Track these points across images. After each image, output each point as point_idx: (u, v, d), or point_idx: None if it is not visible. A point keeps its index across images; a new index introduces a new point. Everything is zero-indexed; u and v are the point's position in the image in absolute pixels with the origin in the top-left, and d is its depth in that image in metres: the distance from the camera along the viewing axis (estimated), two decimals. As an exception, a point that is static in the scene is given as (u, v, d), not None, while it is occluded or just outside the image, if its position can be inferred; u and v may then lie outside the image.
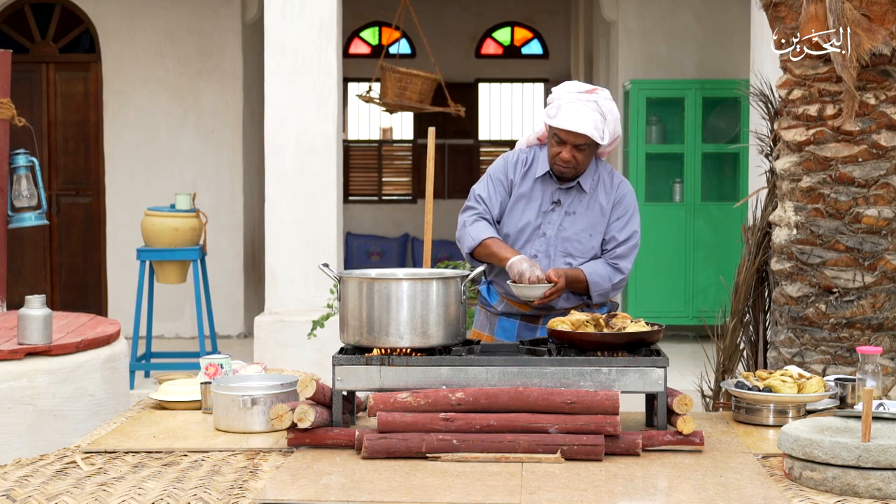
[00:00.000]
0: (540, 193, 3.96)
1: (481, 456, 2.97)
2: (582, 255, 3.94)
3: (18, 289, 8.89)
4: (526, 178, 3.97)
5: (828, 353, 4.28)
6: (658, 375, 3.14)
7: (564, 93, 3.85)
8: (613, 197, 3.98)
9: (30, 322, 4.23)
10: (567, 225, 3.95)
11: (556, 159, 3.88)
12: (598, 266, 3.92)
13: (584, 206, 3.96)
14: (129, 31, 9.71)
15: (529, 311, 3.95)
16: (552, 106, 3.86)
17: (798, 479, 2.77)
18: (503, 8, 13.82)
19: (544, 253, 3.93)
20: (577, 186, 3.96)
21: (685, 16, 9.62)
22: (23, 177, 5.91)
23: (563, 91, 3.87)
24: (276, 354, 7.18)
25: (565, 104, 3.81)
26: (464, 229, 3.95)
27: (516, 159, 4.01)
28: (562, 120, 3.79)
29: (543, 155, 3.98)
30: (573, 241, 3.94)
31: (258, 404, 3.29)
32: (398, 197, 14.07)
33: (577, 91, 3.84)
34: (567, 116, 3.79)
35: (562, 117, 3.80)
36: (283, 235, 7.38)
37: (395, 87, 8.92)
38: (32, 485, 2.80)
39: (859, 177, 4.20)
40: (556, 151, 3.87)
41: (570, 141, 3.82)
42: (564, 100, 3.83)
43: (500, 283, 3.99)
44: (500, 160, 4.04)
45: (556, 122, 3.81)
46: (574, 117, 3.78)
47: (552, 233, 3.94)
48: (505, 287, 3.91)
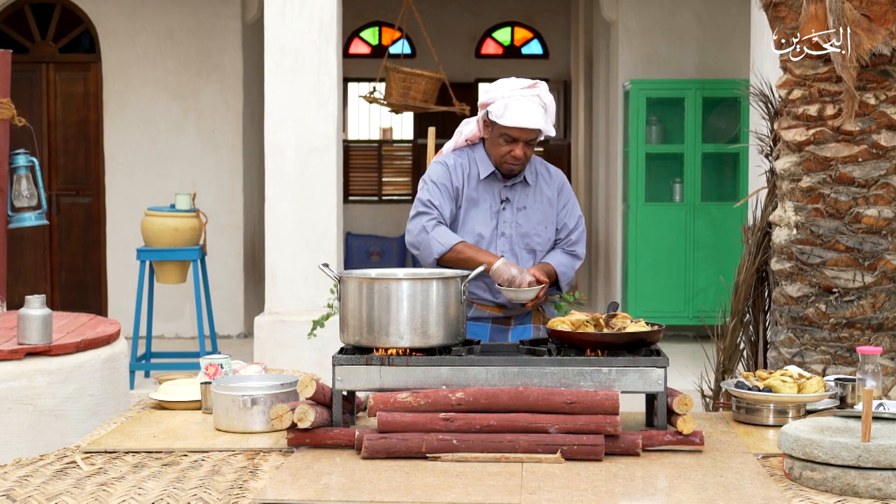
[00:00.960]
0: (487, 195, 3.96)
1: (481, 456, 2.97)
2: (542, 248, 3.99)
3: (18, 289, 8.88)
4: (469, 182, 3.96)
5: (828, 353, 4.28)
6: (658, 375, 3.14)
7: (507, 90, 3.84)
8: (556, 186, 4.04)
9: (30, 322, 4.23)
10: (522, 221, 3.97)
11: (508, 157, 3.88)
12: (560, 256, 3.99)
13: (531, 199, 3.99)
14: (129, 31, 9.72)
15: (502, 313, 3.96)
16: (496, 105, 3.83)
17: (798, 479, 2.77)
18: (503, 8, 13.82)
19: (509, 252, 3.94)
20: (523, 181, 3.98)
21: (685, 16, 9.62)
22: (23, 177, 5.91)
23: (506, 89, 3.85)
24: (276, 354, 7.18)
25: (512, 102, 3.81)
26: (424, 234, 3.87)
27: (454, 164, 3.97)
28: (513, 118, 3.79)
29: (478, 156, 3.98)
30: (532, 236, 3.97)
31: (258, 404, 3.29)
32: (398, 197, 14.07)
33: (519, 87, 3.84)
34: (518, 114, 3.79)
35: (512, 116, 3.80)
36: (283, 235, 7.38)
37: (399, 87, 8.91)
38: (32, 485, 2.80)
39: (859, 177, 4.20)
40: (507, 150, 3.87)
41: (522, 138, 3.84)
42: (510, 97, 3.81)
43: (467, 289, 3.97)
44: (438, 167, 3.99)
45: (508, 121, 3.80)
46: (525, 114, 3.79)
47: (511, 231, 3.95)
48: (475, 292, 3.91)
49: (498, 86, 3.89)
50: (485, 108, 3.93)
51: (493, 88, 3.90)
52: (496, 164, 3.94)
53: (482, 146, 4.01)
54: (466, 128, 4.03)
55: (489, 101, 3.88)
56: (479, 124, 3.98)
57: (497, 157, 3.92)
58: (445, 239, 3.85)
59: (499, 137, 3.88)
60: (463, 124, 4.07)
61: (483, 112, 3.95)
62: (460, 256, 3.83)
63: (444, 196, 3.93)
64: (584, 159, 12.37)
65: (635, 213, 9.19)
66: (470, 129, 4.01)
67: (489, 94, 3.90)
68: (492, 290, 3.96)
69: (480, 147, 4.02)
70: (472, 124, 4.02)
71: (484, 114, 3.94)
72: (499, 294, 3.93)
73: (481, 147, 4.01)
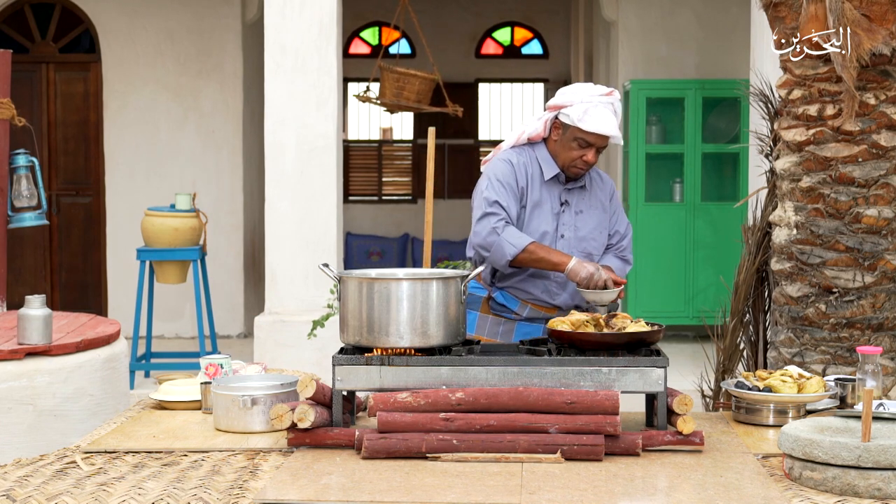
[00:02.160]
0: (549, 196, 3.95)
1: (481, 456, 2.97)
2: (597, 252, 4.00)
3: (18, 289, 8.89)
4: (533, 182, 3.94)
5: (828, 353, 4.28)
6: (658, 375, 3.14)
7: (587, 95, 3.84)
8: (608, 192, 4.07)
9: (30, 322, 4.23)
10: (580, 225, 3.97)
11: (579, 161, 3.88)
12: (615, 260, 4.01)
13: (587, 204, 4.00)
14: (129, 31, 9.72)
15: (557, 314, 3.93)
16: (575, 108, 3.82)
17: (798, 479, 2.77)
18: (503, 8, 13.82)
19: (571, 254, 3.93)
20: (581, 185, 3.99)
21: (685, 16, 9.62)
22: (23, 177, 5.91)
23: (585, 94, 3.85)
24: (276, 354, 7.18)
25: (592, 108, 3.81)
26: (494, 236, 3.83)
27: (518, 162, 3.95)
28: (593, 124, 3.79)
29: (540, 156, 3.96)
30: (589, 240, 3.98)
31: (258, 404, 3.29)
32: (398, 197, 14.07)
33: (598, 94, 3.84)
34: (598, 120, 3.80)
35: (592, 121, 3.80)
36: (283, 235, 7.38)
37: (393, 87, 8.91)
38: (32, 485, 2.80)
39: (859, 177, 4.20)
40: (578, 154, 3.87)
41: (597, 144, 3.85)
42: (590, 103, 3.82)
43: (523, 289, 3.96)
44: (503, 164, 3.95)
45: (588, 126, 3.80)
46: (604, 121, 3.80)
47: (570, 234, 3.95)
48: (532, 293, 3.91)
49: (575, 90, 3.88)
50: (556, 109, 3.90)
51: (570, 92, 3.88)
52: (563, 166, 3.92)
53: (544, 146, 3.98)
54: (530, 126, 3.99)
55: (564, 103, 3.86)
56: (546, 125, 3.94)
57: (567, 160, 3.90)
58: (517, 240, 3.82)
59: (572, 141, 3.87)
60: (527, 122, 4.04)
61: (553, 113, 3.92)
62: (533, 257, 3.81)
63: (511, 196, 3.89)
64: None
65: (635, 212, 9.18)
66: (534, 128, 3.97)
67: (564, 97, 3.88)
68: (549, 292, 3.95)
69: (542, 147, 3.98)
70: (536, 123, 3.98)
71: (554, 116, 3.91)
72: (557, 296, 3.94)
73: (543, 147, 3.98)
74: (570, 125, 3.84)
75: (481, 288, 4.05)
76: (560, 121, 3.89)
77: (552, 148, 3.95)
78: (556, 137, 3.92)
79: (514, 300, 4.00)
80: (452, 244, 13.27)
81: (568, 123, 3.85)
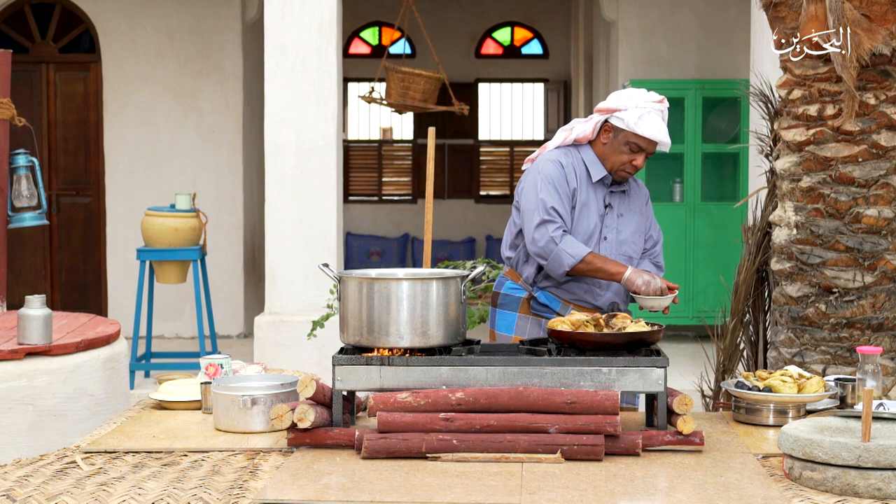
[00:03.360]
0: (594, 198, 3.97)
1: (481, 456, 2.97)
2: (635, 256, 4.04)
3: (18, 289, 8.89)
4: (582, 184, 3.95)
5: (828, 353, 4.28)
6: (658, 375, 3.14)
7: (642, 101, 3.86)
8: (644, 198, 4.13)
9: (30, 322, 4.23)
10: (622, 227, 4.01)
11: (628, 166, 3.91)
12: (651, 267, 4.06)
13: (627, 207, 4.03)
14: (129, 31, 9.72)
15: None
16: (629, 113, 3.84)
17: (798, 479, 2.77)
18: (503, 8, 13.82)
19: (612, 257, 3.95)
20: (623, 190, 4.02)
21: (685, 16, 9.62)
22: (23, 177, 5.91)
23: (639, 99, 3.86)
24: (276, 354, 7.18)
25: (646, 113, 3.84)
26: (552, 245, 3.84)
27: (567, 164, 3.94)
28: (648, 129, 3.82)
29: (587, 157, 3.97)
30: (629, 243, 4.01)
31: (258, 404, 3.29)
32: (398, 197, 14.07)
33: (652, 100, 3.87)
34: (653, 126, 3.83)
35: (647, 126, 3.82)
36: (283, 235, 7.38)
37: (398, 87, 8.91)
38: (32, 485, 2.80)
39: (859, 177, 4.20)
40: (629, 159, 3.90)
41: (649, 149, 3.88)
42: (644, 109, 3.84)
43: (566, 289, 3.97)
44: (553, 166, 3.94)
45: (643, 131, 3.82)
46: (658, 127, 3.84)
47: (612, 236, 3.98)
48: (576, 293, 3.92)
49: (629, 95, 3.89)
50: (608, 113, 3.91)
51: (624, 97, 3.89)
52: (611, 170, 3.94)
53: (590, 148, 3.99)
54: (578, 127, 3.99)
55: (618, 107, 3.87)
56: (596, 127, 3.94)
57: (616, 163, 3.92)
58: (575, 251, 3.83)
59: (624, 145, 3.89)
60: (574, 123, 4.03)
61: (603, 117, 3.92)
62: (590, 267, 3.84)
63: (564, 199, 3.90)
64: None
65: (635, 212, 9.17)
66: (582, 129, 3.97)
67: (618, 101, 3.89)
68: (593, 293, 3.97)
69: (588, 149, 3.99)
70: (584, 125, 3.98)
71: (604, 119, 3.91)
72: (599, 296, 3.97)
73: (589, 149, 3.99)
74: (623, 129, 3.86)
75: (520, 289, 4.05)
76: (611, 124, 3.90)
77: (600, 150, 3.96)
78: (606, 140, 3.93)
79: (557, 300, 4.00)
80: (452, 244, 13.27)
81: (620, 127, 3.87)
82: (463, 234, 13.68)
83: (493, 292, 4.17)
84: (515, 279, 4.07)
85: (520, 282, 4.05)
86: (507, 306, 4.06)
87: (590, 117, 4.00)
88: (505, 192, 14.02)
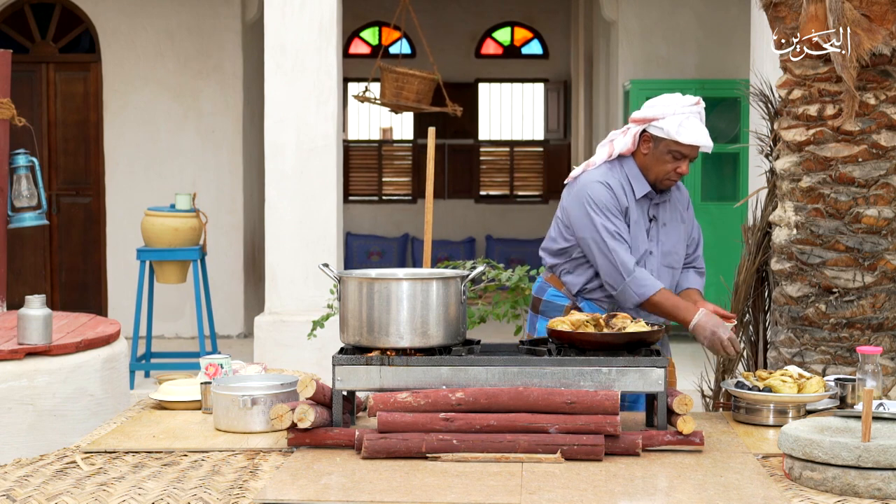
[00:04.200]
0: (640, 214, 3.89)
1: (481, 456, 2.97)
2: (678, 266, 3.98)
3: (18, 289, 8.88)
4: (630, 202, 3.87)
5: (828, 353, 4.28)
6: (658, 375, 3.14)
7: (678, 107, 3.77)
8: (685, 202, 4.05)
9: (30, 322, 4.23)
10: (664, 239, 3.94)
11: (672, 174, 3.82)
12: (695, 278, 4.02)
13: (669, 216, 3.95)
14: (129, 31, 9.72)
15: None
16: (668, 121, 3.75)
17: (798, 479, 2.77)
18: (503, 8, 13.82)
19: (656, 271, 3.90)
20: (666, 199, 3.95)
21: (685, 16, 9.62)
22: (23, 177, 5.91)
23: (676, 106, 3.77)
24: (276, 354, 7.18)
25: (685, 119, 3.75)
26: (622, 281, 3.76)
27: (616, 184, 3.84)
28: (690, 136, 3.73)
29: (631, 173, 3.87)
30: (672, 254, 3.95)
31: (258, 404, 3.29)
32: (398, 197, 14.07)
33: (688, 104, 3.78)
34: (693, 131, 3.74)
35: (688, 133, 3.73)
36: (283, 235, 7.38)
37: (393, 87, 8.91)
38: (32, 485, 2.80)
39: (859, 177, 4.19)
40: (673, 167, 3.80)
41: (692, 155, 3.80)
42: (682, 114, 3.75)
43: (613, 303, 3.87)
44: (603, 190, 3.81)
45: (685, 139, 3.74)
46: (699, 132, 3.75)
47: (656, 250, 3.92)
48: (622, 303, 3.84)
49: (665, 102, 3.80)
50: (645, 122, 3.82)
51: (661, 105, 3.79)
52: (655, 180, 3.85)
53: (633, 161, 3.88)
54: (618, 141, 3.89)
55: (655, 116, 3.78)
56: (635, 139, 3.85)
57: (661, 173, 3.83)
58: (642, 289, 3.75)
59: (666, 154, 3.79)
60: (612, 136, 3.94)
61: (640, 127, 3.83)
62: (657, 309, 3.76)
63: (622, 223, 3.82)
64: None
65: (635, 213, 9.17)
66: (623, 143, 3.87)
67: (655, 109, 3.79)
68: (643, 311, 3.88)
69: (631, 163, 3.88)
70: (624, 138, 3.88)
71: (642, 129, 3.83)
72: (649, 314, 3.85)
73: (632, 163, 3.88)
74: (664, 138, 3.77)
75: (563, 296, 3.97)
76: (650, 134, 3.81)
77: (642, 162, 3.86)
78: (647, 151, 3.83)
79: (602, 311, 3.89)
80: (452, 244, 13.27)
81: (661, 136, 3.78)
82: (463, 234, 13.68)
83: (533, 297, 4.07)
84: (558, 286, 3.98)
85: (563, 290, 3.98)
86: (548, 313, 3.94)
87: (626, 128, 3.90)
88: (505, 192, 14.02)
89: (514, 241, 13.48)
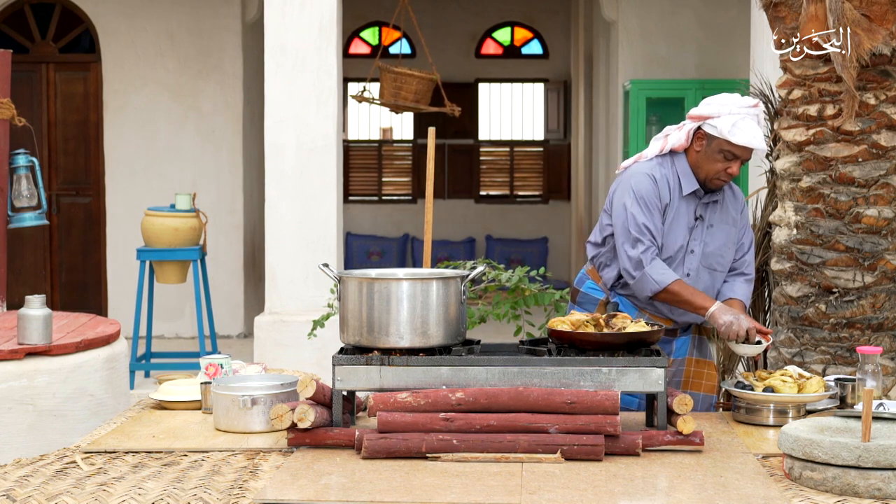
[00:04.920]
0: (685, 211, 3.87)
1: (481, 456, 2.97)
2: (722, 269, 3.94)
3: (18, 289, 8.88)
4: (674, 197, 3.85)
5: (828, 353, 4.28)
6: (658, 375, 3.14)
7: (735, 107, 3.75)
8: (739, 206, 4.00)
9: (30, 322, 4.23)
10: (709, 240, 3.91)
11: (722, 174, 3.80)
12: (742, 287, 3.96)
13: (718, 218, 3.92)
14: (129, 31, 9.72)
15: (672, 325, 3.90)
16: (723, 120, 3.73)
17: (798, 479, 2.77)
18: (503, 8, 13.82)
19: (694, 270, 3.89)
20: (716, 200, 3.92)
21: (685, 16, 9.62)
22: (23, 177, 5.91)
23: (732, 106, 3.76)
24: (276, 354, 7.18)
25: (740, 120, 3.72)
26: (640, 269, 3.77)
27: (660, 177, 3.85)
28: (743, 137, 3.71)
29: (680, 169, 3.86)
30: (716, 256, 3.92)
31: (258, 404, 3.29)
32: (398, 197, 14.07)
33: (745, 106, 3.76)
34: (747, 133, 3.71)
35: (742, 134, 3.71)
36: (283, 235, 7.38)
37: (391, 87, 8.90)
38: (32, 485, 2.80)
39: (859, 177, 4.20)
40: (723, 167, 3.78)
41: (744, 157, 3.78)
42: (738, 115, 3.73)
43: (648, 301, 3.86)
44: (646, 180, 3.83)
45: (739, 139, 3.71)
46: (753, 133, 3.73)
47: (699, 249, 3.89)
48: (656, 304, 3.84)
49: (722, 101, 3.79)
50: (700, 120, 3.81)
51: (717, 103, 3.79)
52: (705, 178, 3.84)
53: (684, 158, 3.88)
54: (672, 135, 3.89)
55: (710, 114, 3.77)
56: (689, 135, 3.84)
57: (711, 172, 3.81)
58: (660, 277, 3.74)
59: (718, 153, 3.78)
60: (667, 130, 3.94)
61: (695, 124, 3.82)
62: (675, 298, 3.76)
63: (656, 216, 3.81)
64: (584, 159, 12.37)
65: (635, 213, 9.16)
66: (677, 138, 3.87)
67: (711, 108, 3.78)
68: (675, 311, 3.88)
69: (682, 159, 3.88)
70: (679, 133, 3.88)
71: (697, 126, 3.82)
72: (681, 315, 3.88)
73: (683, 159, 3.88)
74: (717, 137, 3.76)
75: (599, 290, 3.98)
76: (704, 131, 3.80)
77: (693, 159, 3.85)
78: (699, 148, 3.82)
79: (633, 308, 3.91)
80: (452, 244, 13.27)
81: (714, 135, 3.77)
82: (463, 234, 13.68)
83: (572, 287, 4.10)
84: (596, 279, 3.99)
85: (600, 283, 3.98)
86: (584, 305, 3.98)
87: (682, 124, 3.89)
88: (505, 192, 14.02)
89: (514, 241, 13.48)
